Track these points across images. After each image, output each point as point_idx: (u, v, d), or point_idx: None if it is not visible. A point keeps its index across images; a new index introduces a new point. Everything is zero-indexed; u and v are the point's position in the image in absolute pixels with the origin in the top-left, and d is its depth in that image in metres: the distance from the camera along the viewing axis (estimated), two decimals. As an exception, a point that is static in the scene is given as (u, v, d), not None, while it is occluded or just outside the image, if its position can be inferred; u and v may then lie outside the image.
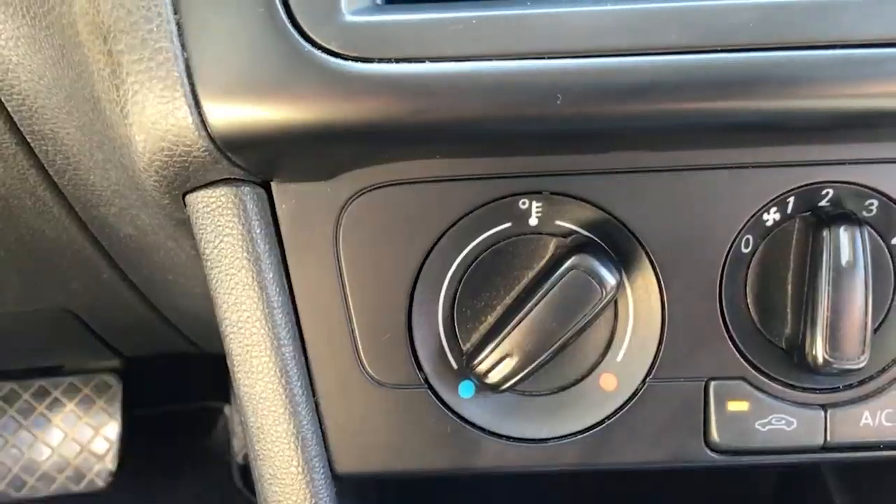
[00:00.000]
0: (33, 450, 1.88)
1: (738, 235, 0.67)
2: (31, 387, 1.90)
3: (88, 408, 1.91)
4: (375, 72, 0.56)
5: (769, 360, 0.70)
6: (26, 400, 1.91)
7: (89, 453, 1.91)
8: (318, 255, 0.66)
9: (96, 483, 1.90)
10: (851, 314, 0.65)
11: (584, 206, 0.67)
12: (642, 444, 0.71)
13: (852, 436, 0.70)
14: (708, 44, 0.57)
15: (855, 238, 0.65)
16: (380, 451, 0.70)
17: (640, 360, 0.70)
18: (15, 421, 1.88)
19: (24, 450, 1.88)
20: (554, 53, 0.57)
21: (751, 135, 0.61)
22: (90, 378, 1.94)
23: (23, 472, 1.89)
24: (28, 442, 1.88)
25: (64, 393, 1.93)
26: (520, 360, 0.66)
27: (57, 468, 1.89)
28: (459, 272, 0.69)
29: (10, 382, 1.87)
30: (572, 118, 0.57)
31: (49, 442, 1.88)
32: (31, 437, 1.88)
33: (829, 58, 0.57)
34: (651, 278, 0.69)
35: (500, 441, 0.70)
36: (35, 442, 1.89)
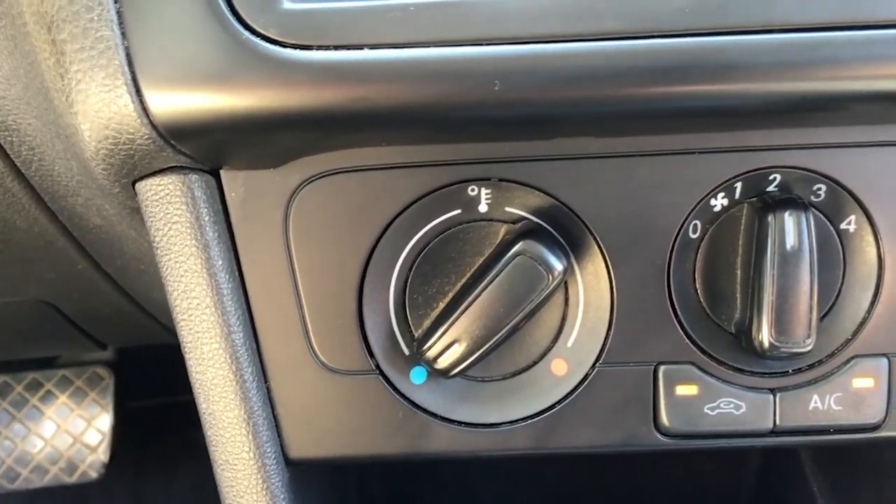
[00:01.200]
0: (26, 442, 1.90)
1: (685, 221, 0.68)
2: (24, 379, 1.91)
3: (81, 400, 1.93)
4: (314, 59, 0.57)
5: (718, 344, 0.70)
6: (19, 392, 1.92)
7: (82, 445, 1.93)
8: (268, 243, 0.67)
9: (89, 474, 1.91)
10: (797, 298, 0.66)
11: (532, 193, 0.68)
12: (593, 428, 0.71)
13: (802, 420, 0.71)
14: (644, 29, 0.57)
15: (800, 223, 0.65)
16: (332, 436, 0.71)
17: (589, 345, 0.71)
18: (8, 413, 1.90)
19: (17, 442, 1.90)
20: (491, 40, 0.57)
21: (690, 120, 0.61)
22: (83, 370, 1.95)
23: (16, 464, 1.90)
24: (21, 434, 1.90)
25: (56, 385, 1.94)
26: (468, 345, 0.67)
27: (50, 460, 1.91)
28: (410, 259, 0.70)
29: (3, 375, 1.88)
30: (510, 104, 0.58)
31: (42, 434, 1.90)
32: (24, 429, 1.90)
33: (765, 42, 0.57)
34: (600, 264, 0.69)
35: (452, 426, 0.71)
36: (28, 434, 1.90)
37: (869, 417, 0.71)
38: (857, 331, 0.70)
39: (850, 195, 0.67)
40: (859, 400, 0.71)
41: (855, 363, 0.70)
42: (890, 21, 0.57)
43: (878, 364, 0.70)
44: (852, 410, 0.71)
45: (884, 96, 0.58)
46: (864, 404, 0.71)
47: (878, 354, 0.70)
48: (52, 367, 1.94)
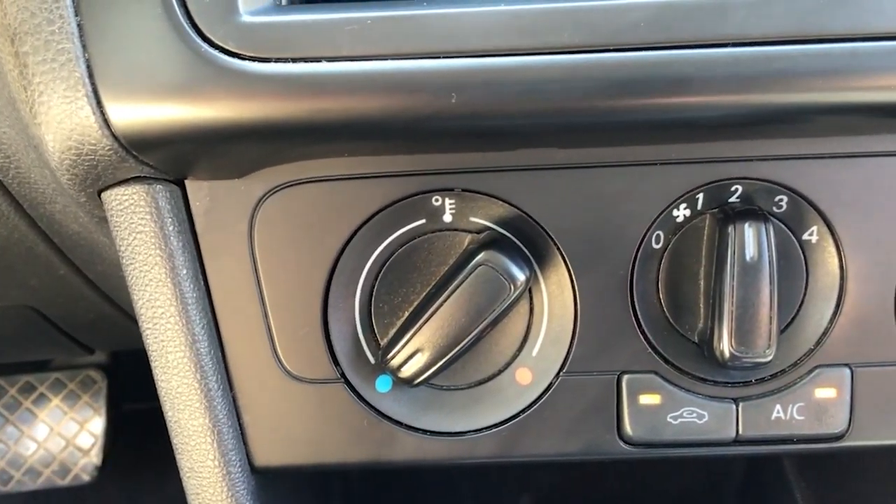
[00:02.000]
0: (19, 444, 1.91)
1: (648, 231, 0.68)
2: (18, 382, 1.92)
3: (74, 403, 1.94)
4: (272, 71, 0.57)
5: (681, 354, 0.71)
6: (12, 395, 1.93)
7: (75, 448, 1.93)
8: (233, 252, 0.68)
9: (82, 477, 1.92)
10: (757, 308, 0.66)
11: (496, 203, 0.68)
12: (557, 436, 0.72)
13: (764, 429, 0.71)
14: (600, 43, 0.58)
15: (760, 234, 0.66)
16: (298, 444, 0.71)
17: (554, 354, 0.71)
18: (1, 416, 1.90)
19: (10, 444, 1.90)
20: (448, 53, 0.58)
21: (647, 133, 0.62)
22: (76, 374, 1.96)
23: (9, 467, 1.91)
24: (14, 436, 1.90)
25: (50, 388, 1.95)
26: (431, 354, 0.67)
27: (43, 462, 1.92)
28: (375, 268, 0.70)
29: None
30: (467, 117, 0.58)
31: (35, 436, 1.90)
32: (18, 431, 1.90)
33: (719, 56, 0.58)
34: (564, 274, 0.70)
35: (417, 435, 0.72)
36: (21, 436, 1.91)
37: (832, 427, 0.71)
38: (819, 341, 0.70)
39: (811, 206, 0.68)
40: (822, 410, 0.71)
41: (817, 373, 0.71)
42: (843, 35, 0.57)
43: (840, 374, 0.71)
44: (815, 420, 0.71)
45: (838, 109, 0.59)
46: (827, 414, 0.71)
47: (841, 364, 0.70)
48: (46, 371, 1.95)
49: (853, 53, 0.57)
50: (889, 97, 0.58)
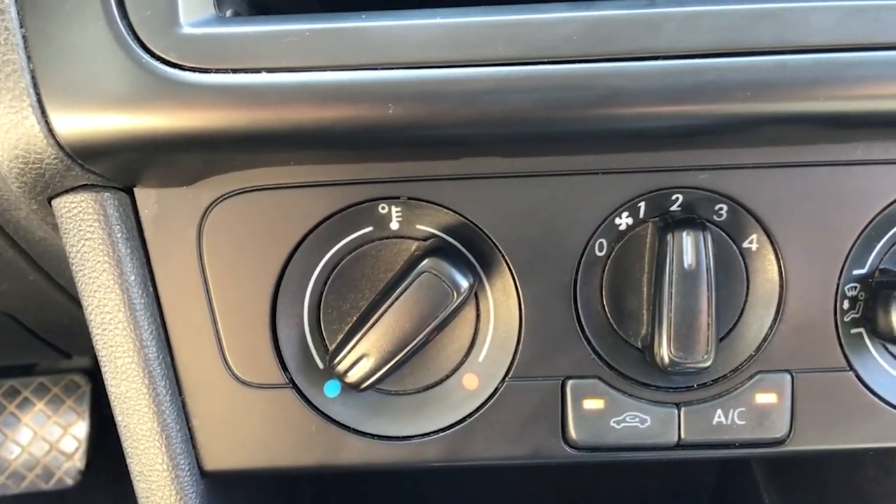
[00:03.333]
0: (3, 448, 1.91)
1: (591, 239, 0.70)
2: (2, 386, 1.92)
3: (57, 407, 1.94)
4: (212, 82, 0.58)
5: (625, 359, 0.72)
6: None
7: (58, 452, 1.94)
8: (181, 259, 0.69)
9: (65, 481, 1.93)
10: (695, 315, 0.67)
11: (442, 211, 0.70)
12: (503, 440, 0.73)
13: (706, 434, 0.73)
14: (534, 56, 0.59)
15: (698, 242, 0.67)
16: (247, 448, 0.72)
17: (500, 359, 0.72)
18: (-15, 420, 1.91)
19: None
20: (386, 65, 0.59)
21: (582, 143, 0.63)
22: (60, 378, 1.96)
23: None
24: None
25: (34, 392, 1.95)
26: (377, 359, 0.68)
27: (26, 466, 1.92)
28: (324, 275, 0.72)
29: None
30: (404, 127, 0.60)
31: (19, 440, 1.91)
32: (1, 435, 1.91)
33: (651, 69, 0.59)
34: (509, 281, 0.71)
35: (365, 439, 0.73)
36: (5, 440, 1.91)
37: (773, 432, 0.72)
38: (759, 347, 0.71)
39: (750, 215, 0.69)
40: (763, 415, 0.72)
41: (758, 379, 0.72)
42: (770, 48, 0.59)
43: (781, 380, 0.72)
44: (756, 425, 0.72)
45: (765, 120, 0.60)
46: (768, 419, 0.72)
47: (781, 370, 0.72)
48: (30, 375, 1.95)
49: (780, 66, 0.59)
50: (814, 108, 0.59)
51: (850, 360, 0.72)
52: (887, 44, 0.59)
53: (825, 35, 0.59)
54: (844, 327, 0.71)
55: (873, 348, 0.72)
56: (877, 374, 0.72)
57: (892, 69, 0.59)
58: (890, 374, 0.73)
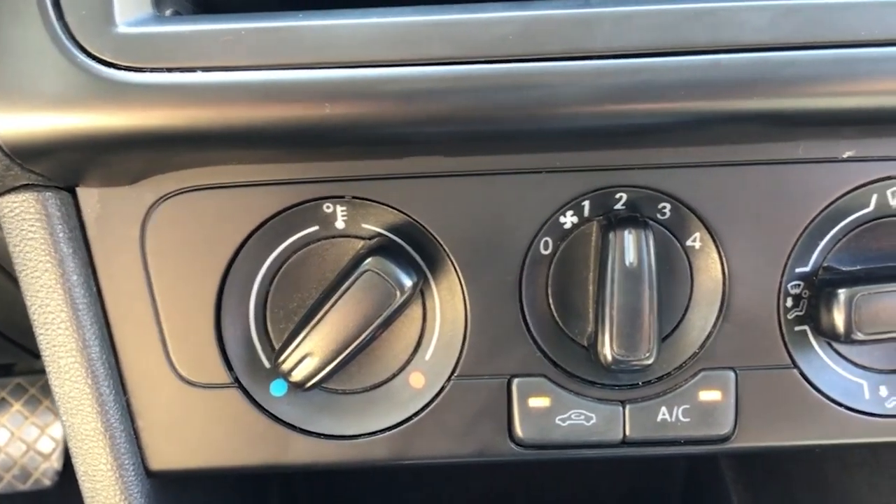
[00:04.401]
0: (-20, 449, 1.90)
1: (535, 238, 0.70)
2: (-22, 387, 1.91)
3: (35, 408, 1.93)
4: (147, 81, 0.58)
5: (571, 357, 0.72)
6: (-28, 400, 1.92)
7: (35, 452, 1.93)
8: (124, 259, 0.68)
9: (43, 482, 1.92)
10: (638, 313, 0.68)
11: (388, 210, 0.70)
12: (449, 439, 0.73)
13: (651, 431, 0.73)
14: (469, 55, 0.59)
15: (640, 240, 0.67)
16: (193, 448, 0.72)
17: (446, 358, 0.72)
18: (-38, 421, 1.90)
19: (-30, 449, 1.90)
20: (322, 64, 0.59)
21: (519, 142, 0.63)
22: (37, 379, 1.96)
23: (-31, 471, 1.90)
24: (-26, 441, 1.90)
25: (11, 393, 1.94)
26: (321, 358, 0.68)
27: (3, 467, 1.91)
28: (270, 274, 0.72)
29: (-42, 384, 1.89)
30: (341, 126, 0.60)
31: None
32: (-22, 436, 1.90)
33: (585, 68, 0.59)
34: (454, 279, 0.71)
35: (311, 438, 0.73)
36: (-18, 441, 1.91)
37: (717, 429, 0.73)
38: (703, 345, 0.72)
39: (693, 213, 0.70)
40: (707, 412, 0.73)
41: (702, 376, 0.72)
42: (704, 47, 0.59)
43: (724, 377, 0.72)
44: (700, 422, 0.73)
45: (702, 119, 0.61)
46: (712, 416, 0.73)
47: (725, 368, 0.72)
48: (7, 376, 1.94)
49: (714, 65, 0.59)
50: (748, 106, 0.60)
51: (794, 357, 0.72)
52: (820, 43, 0.59)
53: (759, 34, 0.59)
54: (788, 325, 0.72)
55: (818, 346, 0.73)
56: (821, 372, 0.73)
57: (825, 68, 0.59)
58: (834, 372, 0.73)
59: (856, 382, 0.74)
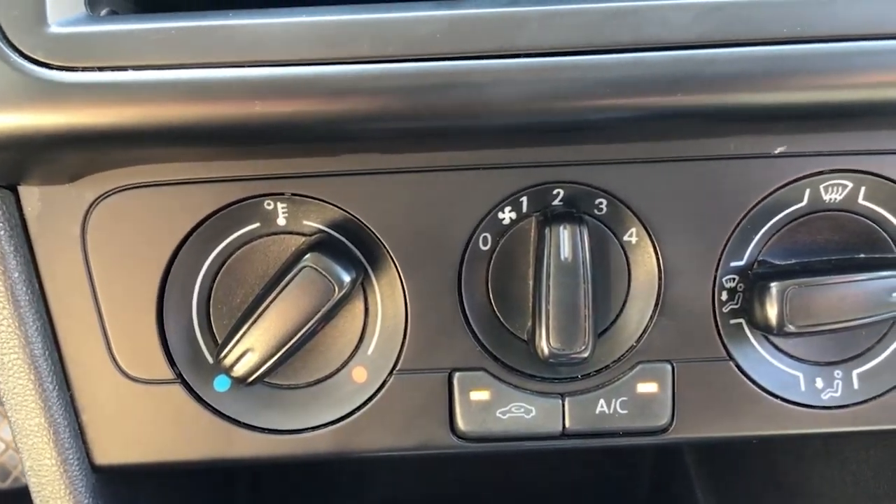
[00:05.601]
0: (-41, 448, 1.90)
1: (474, 233, 0.71)
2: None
3: (13, 406, 1.92)
4: (78, 80, 0.59)
5: (511, 351, 0.73)
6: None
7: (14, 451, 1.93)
8: (66, 256, 0.69)
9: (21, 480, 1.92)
10: (572, 307, 0.69)
11: (328, 207, 0.71)
12: (392, 432, 0.74)
13: (590, 423, 0.74)
14: (398, 53, 0.60)
15: (575, 235, 0.68)
16: (137, 443, 0.73)
17: (388, 352, 0.73)
18: (-60, 420, 1.89)
19: (-52, 448, 1.89)
20: (252, 62, 0.60)
21: (450, 139, 0.64)
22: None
23: (-52, 470, 1.90)
24: (-47, 440, 1.89)
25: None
26: (261, 353, 0.69)
27: (-18, 466, 1.90)
28: (213, 271, 0.72)
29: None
30: (271, 124, 0.60)
31: (-27, 439, 1.89)
32: (-44, 435, 1.90)
33: (512, 66, 0.60)
34: (394, 275, 0.72)
35: (255, 433, 0.74)
36: (-40, 440, 1.90)
37: (655, 421, 0.74)
38: (640, 338, 0.73)
39: (629, 209, 0.71)
40: (644, 404, 0.74)
41: (639, 369, 0.73)
42: (629, 45, 0.60)
43: (661, 370, 0.73)
44: (638, 414, 0.74)
45: (627, 116, 0.62)
46: (649, 408, 0.74)
47: (662, 360, 0.73)
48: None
49: (638, 63, 0.60)
50: (672, 103, 0.61)
51: (730, 350, 0.73)
52: (742, 40, 0.60)
53: (682, 32, 0.60)
54: (724, 318, 0.73)
55: (753, 339, 0.74)
56: (757, 364, 0.74)
57: (747, 65, 0.60)
58: (770, 364, 0.75)
59: (792, 375, 0.75)
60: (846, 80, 0.61)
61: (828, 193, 0.72)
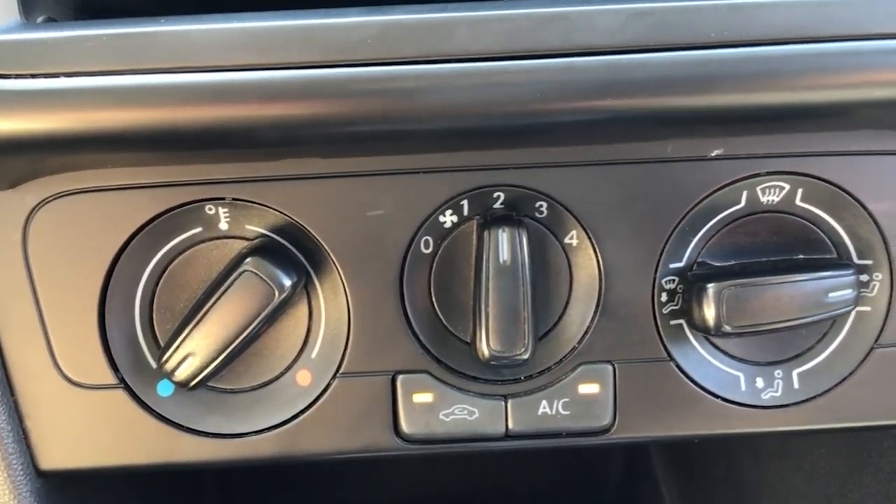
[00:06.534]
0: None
1: (415, 237, 0.71)
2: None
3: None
4: (11, 88, 0.59)
5: (454, 354, 0.74)
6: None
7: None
8: (7, 262, 0.69)
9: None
10: (512, 310, 0.69)
11: (269, 211, 0.71)
12: (336, 435, 0.74)
13: (533, 424, 0.75)
14: (330, 59, 0.61)
15: (513, 238, 0.69)
16: (82, 448, 0.73)
17: (331, 356, 0.74)
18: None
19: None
20: (183, 68, 0.60)
21: (384, 143, 0.65)
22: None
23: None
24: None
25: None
26: (203, 358, 0.69)
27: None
28: (155, 275, 0.73)
29: None
30: (203, 129, 0.61)
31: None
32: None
33: (442, 71, 0.61)
34: (337, 279, 0.72)
35: (199, 437, 0.74)
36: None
37: (597, 421, 0.75)
38: (582, 339, 0.74)
39: (568, 212, 0.71)
40: (586, 405, 0.74)
41: (581, 370, 0.74)
42: (559, 50, 0.61)
43: (603, 370, 0.74)
44: (580, 415, 0.74)
45: (556, 121, 0.62)
46: (591, 409, 0.74)
47: (603, 361, 0.74)
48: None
49: (567, 68, 0.61)
50: (600, 107, 0.61)
51: (671, 350, 0.74)
52: (670, 45, 0.61)
53: (611, 37, 0.61)
54: (664, 319, 0.74)
55: (694, 339, 0.75)
56: (697, 364, 0.75)
57: (676, 70, 0.61)
58: (711, 364, 0.75)
59: (732, 374, 0.76)
60: (772, 84, 0.62)
61: (765, 195, 0.73)
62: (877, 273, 0.74)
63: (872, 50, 0.63)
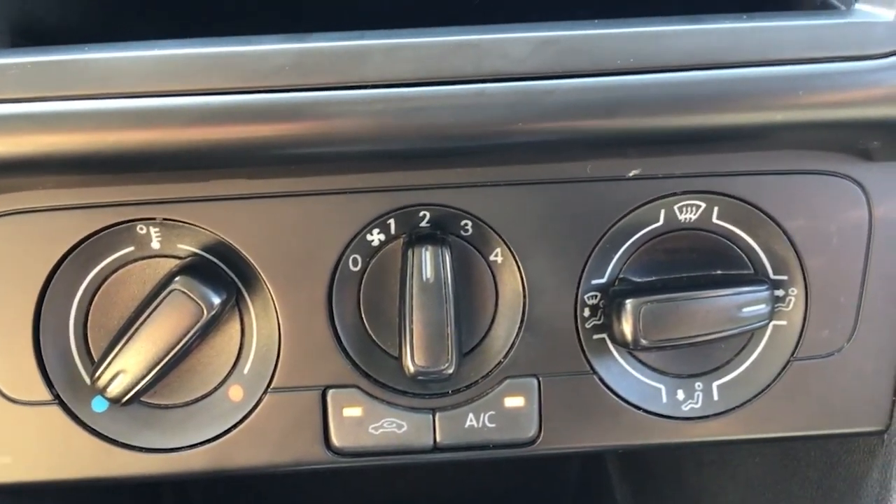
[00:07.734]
0: None
1: (343, 255, 0.73)
2: None
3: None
4: (-65, 114, 0.61)
5: (383, 368, 0.76)
6: None
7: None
8: (-59, 282, 0.71)
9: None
10: (435, 326, 0.71)
11: (200, 230, 0.73)
12: (267, 449, 0.76)
13: (460, 437, 0.77)
14: (247, 86, 0.63)
15: (437, 256, 0.71)
16: (19, 463, 0.75)
17: (262, 371, 0.76)
18: None
19: None
20: (105, 94, 0.62)
21: (303, 166, 0.67)
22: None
23: None
24: None
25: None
26: (133, 375, 0.71)
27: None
28: (89, 294, 0.74)
29: None
30: (126, 154, 0.63)
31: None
32: None
33: (358, 97, 0.63)
34: (267, 296, 0.74)
35: (133, 452, 0.75)
36: None
37: (522, 434, 0.77)
38: (508, 353, 0.76)
39: (492, 230, 0.73)
40: (512, 418, 0.76)
41: (507, 384, 0.76)
42: (471, 77, 0.63)
43: (528, 384, 0.76)
44: (506, 427, 0.77)
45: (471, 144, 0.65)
46: (517, 422, 0.77)
47: (528, 375, 0.76)
48: None
49: (479, 93, 0.63)
50: (513, 131, 0.64)
51: (593, 364, 0.76)
52: (578, 72, 0.64)
53: (520, 64, 0.63)
54: (587, 333, 0.76)
55: (617, 353, 0.77)
56: (620, 378, 0.77)
57: (583, 95, 0.64)
58: (633, 377, 0.78)
59: (654, 387, 0.78)
60: (675, 109, 0.64)
61: (683, 213, 0.75)
62: (792, 288, 0.76)
63: (775, 76, 0.65)
